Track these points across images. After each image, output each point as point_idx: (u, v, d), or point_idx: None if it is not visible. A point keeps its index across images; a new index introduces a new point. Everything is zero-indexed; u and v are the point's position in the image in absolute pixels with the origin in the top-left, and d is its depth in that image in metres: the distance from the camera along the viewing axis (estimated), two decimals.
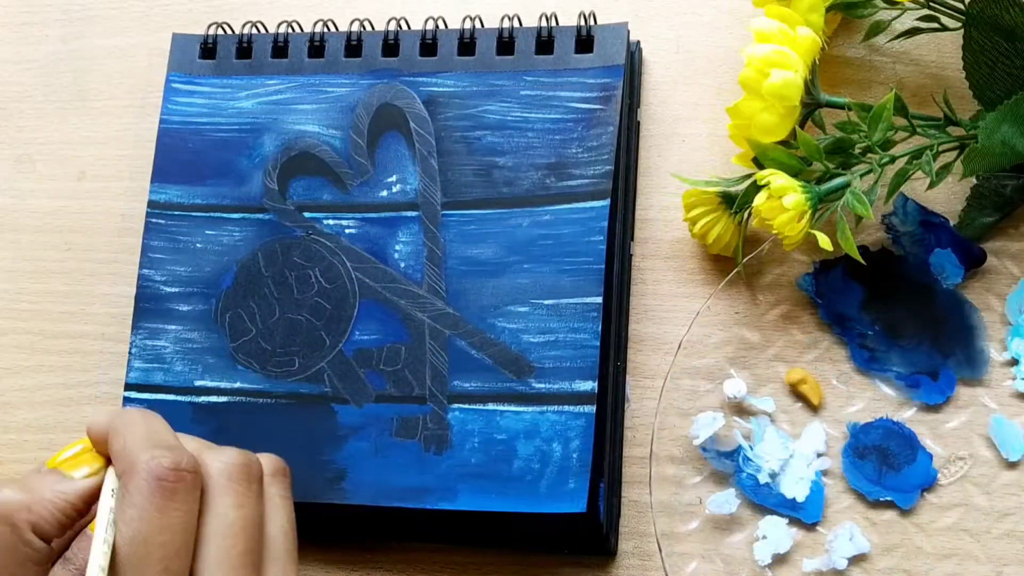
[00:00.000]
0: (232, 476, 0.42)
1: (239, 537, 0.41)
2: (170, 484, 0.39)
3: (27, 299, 0.62)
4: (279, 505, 0.44)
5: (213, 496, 0.41)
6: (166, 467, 0.40)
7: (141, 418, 0.42)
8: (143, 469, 0.40)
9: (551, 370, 0.52)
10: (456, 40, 0.58)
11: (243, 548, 0.41)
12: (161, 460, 0.40)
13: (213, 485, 0.41)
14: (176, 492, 0.40)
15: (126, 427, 0.41)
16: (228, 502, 0.41)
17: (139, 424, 0.42)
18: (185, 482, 0.40)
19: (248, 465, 0.42)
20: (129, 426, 0.42)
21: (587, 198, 0.54)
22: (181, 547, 0.39)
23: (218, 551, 0.40)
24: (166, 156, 0.59)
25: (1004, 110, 0.50)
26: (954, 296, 0.53)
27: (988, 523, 0.51)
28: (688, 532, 0.53)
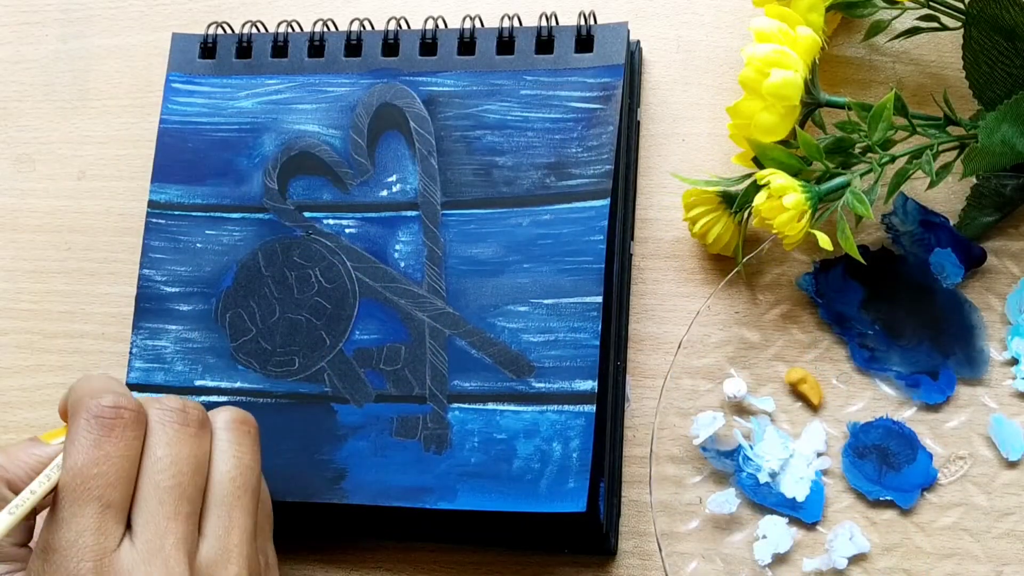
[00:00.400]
0: (164, 420, 0.44)
1: (167, 473, 0.42)
2: (108, 421, 0.42)
3: (27, 299, 0.62)
4: (225, 451, 0.45)
5: (149, 437, 0.43)
6: (105, 405, 0.42)
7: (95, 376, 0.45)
8: (84, 409, 0.42)
9: (551, 369, 0.52)
10: (456, 40, 0.58)
11: (172, 483, 0.42)
12: (101, 400, 0.42)
13: (151, 428, 0.43)
14: (113, 428, 0.42)
15: (79, 384, 0.44)
16: (158, 440, 0.43)
17: (91, 380, 0.44)
18: (122, 419, 0.42)
19: (183, 410, 0.44)
20: (81, 383, 0.44)
21: (587, 197, 0.54)
22: (116, 480, 0.41)
23: (147, 486, 0.42)
24: (166, 156, 0.59)
25: (1004, 110, 0.50)
26: (954, 296, 0.53)
27: (988, 523, 0.51)
28: (688, 532, 0.53)
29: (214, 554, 0.43)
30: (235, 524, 0.44)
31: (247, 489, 0.45)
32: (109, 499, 0.41)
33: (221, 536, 0.43)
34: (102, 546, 0.40)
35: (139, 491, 0.42)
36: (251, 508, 0.45)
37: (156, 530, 0.41)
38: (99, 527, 0.41)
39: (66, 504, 0.41)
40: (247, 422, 0.46)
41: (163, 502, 0.42)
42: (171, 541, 0.41)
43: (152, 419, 0.44)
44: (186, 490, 0.43)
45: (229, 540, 0.43)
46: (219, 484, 0.44)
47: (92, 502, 0.41)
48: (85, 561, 0.40)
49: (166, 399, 0.45)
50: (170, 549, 0.41)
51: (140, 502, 0.42)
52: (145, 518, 0.42)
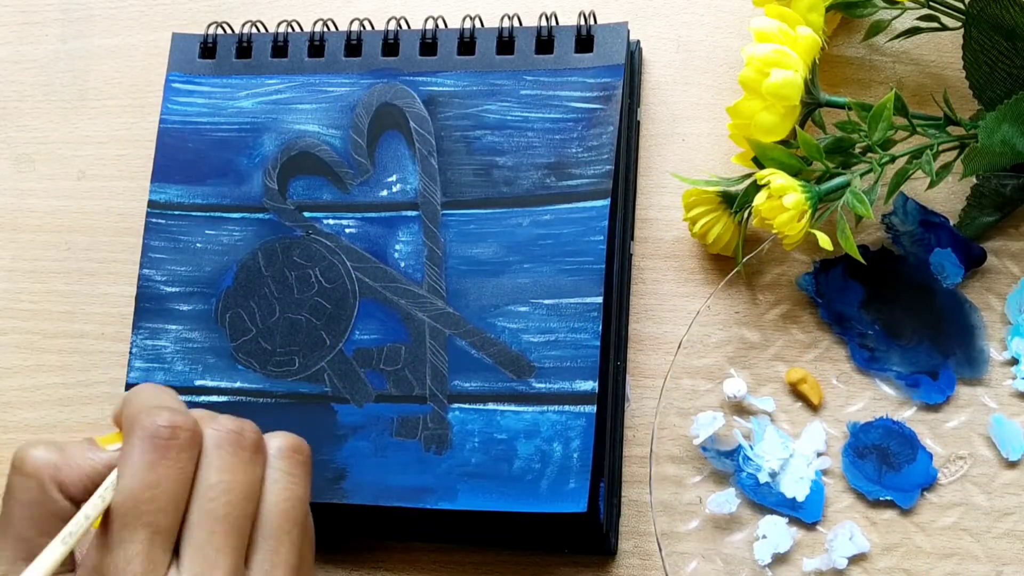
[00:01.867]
0: (220, 442, 0.42)
1: (219, 501, 0.41)
2: (163, 441, 0.40)
3: (27, 299, 0.62)
4: (278, 480, 0.43)
5: (203, 459, 0.42)
6: (160, 425, 0.40)
7: (150, 387, 0.44)
8: (139, 427, 0.41)
9: (551, 370, 0.52)
10: (456, 40, 0.58)
11: (223, 512, 0.41)
12: (157, 419, 0.41)
13: (205, 450, 0.42)
14: (168, 450, 0.40)
15: (135, 395, 0.43)
16: (215, 465, 0.42)
17: (146, 392, 0.43)
18: (178, 440, 0.41)
19: (239, 432, 0.43)
20: (137, 394, 0.43)
21: (587, 198, 0.54)
22: (168, 505, 0.40)
23: (198, 512, 0.41)
24: (166, 156, 0.59)
25: (1004, 109, 0.50)
26: (954, 296, 0.53)
27: (988, 522, 0.51)
28: (688, 531, 0.53)
29: None
30: (281, 560, 0.42)
31: (296, 522, 0.43)
32: (159, 525, 0.40)
33: (268, 572, 0.42)
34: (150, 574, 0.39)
35: (190, 517, 0.41)
36: (298, 542, 0.43)
37: (204, 563, 0.40)
38: (148, 554, 0.39)
39: (116, 528, 0.40)
40: (301, 451, 0.44)
41: (214, 532, 0.40)
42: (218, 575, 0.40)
43: (207, 440, 0.42)
44: (238, 520, 0.41)
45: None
46: (269, 516, 0.42)
47: (143, 528, 0.39)
48: None
49: (222, 419, 0.43)
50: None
51: (190, 529, 0.40)
52: (194, 548, 0.40)
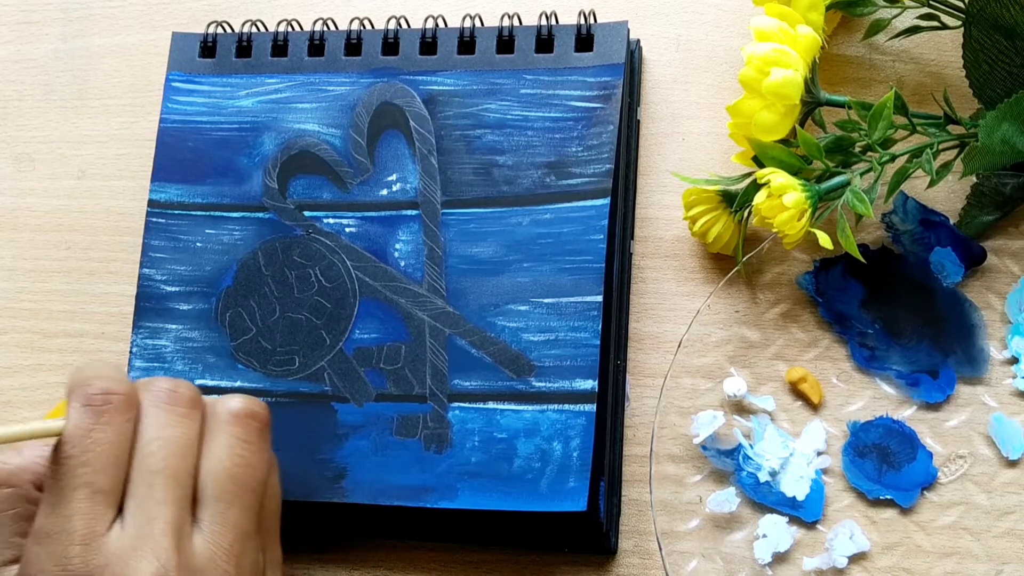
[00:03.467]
0: (155, 401, 0.44)
1: (157, 456, 0.42)
2: (96, 408, 0.42)
3: (26, 298, 0.62)
4: (229, 445, 0.44)
5: (141, 420, 0.43)
6: (92, 392, 0.42)
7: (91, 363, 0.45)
8: (76, 394, 0.42)
9: (551, 369, 0.52)
10: (456, 39, 0.58)
11: (161, 466, 0.42)
12: (90, 387, 0.42)
13: (143, 411, 0.43)
14: (103, 412, 0.42)
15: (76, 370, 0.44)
16: (149, 423, 0.43)
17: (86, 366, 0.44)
18: (111, 404, 0.42)
19: (173, 390, 0.44)
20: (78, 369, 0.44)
21: (587, 197, 0.54)
22: (106, 465, 0.41)
23: (137, 468, 0.42)
24: (166, 155, 0.59)
25: (1004, 108, 0.50)
26: (954, 295, 0.53)
27: (988, 521, 0.51)
28: (688, 531, 0.53)
29: (205, 549, 0.43)
30: (230, 522, 0.43)
31: (248, 487, 0.44)
32: (99, 484, 0.41)
33: (216, 532, 0.43)
34: (92, 530, 0.41)
35: (130, 475, 0.42)
36: (251, 506, 0.44)
37: (146, 514, 0.41)
38: (89, 511, 0.41)
39: (56, 489, 0.41)
40: (254, 416, 0.45)
41: (153, 485, 0.42)
42: (160, 526, 0.41)
43: (144, 402, 0.44)
44: (176, 473, 0.43)
45: (223, 538, 0.43)
46: (217, 479, 0.44)
47: (82, 487, 0.41)
48: (74, 545, 0.40)
49: (157, 380, 0.45)
50: (159, 534, 0.41)
51: (131, 486, 0.42)
52: (136, 502, 0.42)
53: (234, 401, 0.45)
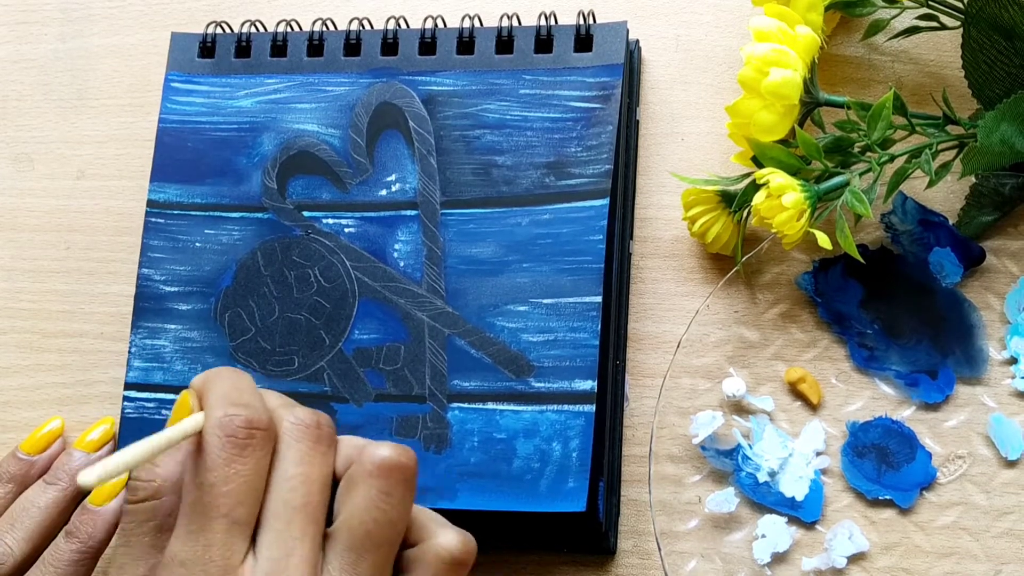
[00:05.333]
0: (298, 436, 0.42)
1: (297, 492, 0.41)
2: (240, 440, 0.41)
3: (26, 298, 0.62)
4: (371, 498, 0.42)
5: (279, 452, 0.42)
6: (237, 425, 0.41)
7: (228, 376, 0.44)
8: (216, 424, 0.41)
9: (551, 369, 0.52)
10: (455, 39, 0.58)
11: (301, 503, 0.41)
12: (234, 418, 0.41)
13: (283, 441, 0.42)
14: (244, 448, 0.41)
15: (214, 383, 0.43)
16: (290, 457, 0.42)
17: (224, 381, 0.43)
18: (254, 439, 0.41)
19: (316, 426, 0.43)
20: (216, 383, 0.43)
21: (586, 197, 0.54)
22: (245, 497, 0.41)
23: (276, 502, 0.41)
24: (165, 155, 0.59)
25: (1003, 109, 0.50)
26: (953, 295, 0.53)
27: (987, 522, 0.51)
28: (687, 531, 0.53)
29: None
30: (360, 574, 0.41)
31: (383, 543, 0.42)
32: (237, 516, 0.40)
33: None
34: (228, 562, 0.40)
35: (267, 508, 0.41)
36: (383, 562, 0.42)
37: (281, 549, 0.40)
38: (226, 542, 0.40)
39: (195, 518, 0.40)
40: (401, 468, 0.42)
41: (291, 522, 0.41)
42: (295, 562, 0.40)
43: (284, 433, 0.42)
44: (315, 511, 0.41)
45: None
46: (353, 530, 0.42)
47: (221, 519, 0.40)
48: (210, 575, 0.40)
49: (300, 412, 0.43)
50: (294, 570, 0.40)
51: (268, 519, 0.41)
52: (271, 536, 0.41)
53: (382, 450, 0.42)
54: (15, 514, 0.54)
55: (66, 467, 0.56)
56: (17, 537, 0.53)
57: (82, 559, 0.53)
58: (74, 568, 0.52)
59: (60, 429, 0.58)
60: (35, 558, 0.53)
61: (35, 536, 0.54)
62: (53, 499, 0.55)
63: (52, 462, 0.57)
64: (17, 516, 0.54)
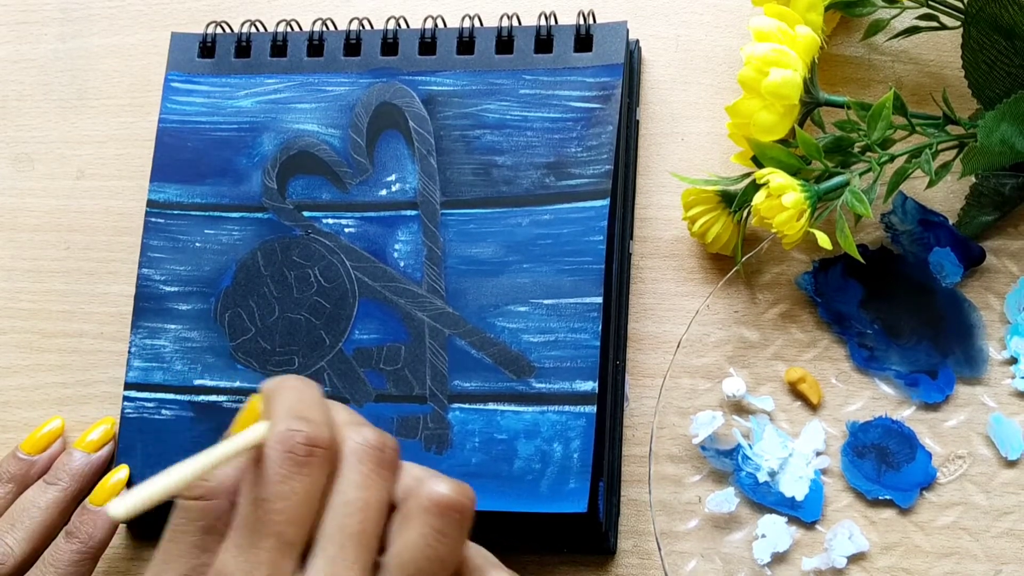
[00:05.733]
0: (362, 457, 0.41)
1: (355, 518, 0.40)
2: (299, 458, 0.40)
3: (25, 298, 0.62)
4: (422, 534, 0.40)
5: (340, 472, 0.41)
6: (298, 441, 0.40)
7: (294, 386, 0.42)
8: (277, 438, 0.40)
9: (551, 370, 0.52)
10: (455, 39, 0.58)
11: (358, 529, 0.40)
12: (295, 434, 0.40)
13: (345, 461, 0.41)
14: (303, 465, 0.40)
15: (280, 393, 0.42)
16: (351, 480, 0.41)
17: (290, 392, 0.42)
18: (314, 457, 0.40)
19: (381, 449, 0.41)
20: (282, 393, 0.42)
21: (587, 197, 0.54)
22: (298, 517, 0.39)
23: (332, 526, 0.40)
24: (165, 155, 0.59)
25: (1003, 109, 0.50)
26: (953, 295, 0.53)
27: (987, 522, 0.51)
28: (687, 531, 0.53)
29: None
30: None
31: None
32: (289, 536, 0.39)
33: None
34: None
35: (322, 530, 0.40)
36: None
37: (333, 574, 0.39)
38: (276, 562, 0.39)
39: (246, 533, 0.39)
40: (458, 508, 0.41)
41: (344, 547, 0.40)
42: None
43: (347, 452, 0.41)
44: (370, 539, 0.40)
45: None
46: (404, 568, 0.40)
47: (271, 537, 0.39)
48: None
49: (366, 431, 0.42)
50: None
51: (322, 541, 0.40)
52: (323, 561, 0.39)
53: (440, 487, 0.41)
54: (15, 514, 0.54)
55: (66, 467, 0.56)
56: (17, 537, 0.53)
57: (82, 559, 0.53)
58: (74, 568, 0.52)
59: (60, 429, 0.58)
60: (35, 558, 0.53)
61: (35, 536, 0.54)
62: (53, 499, 0.55)
63: (52, 462, 0.57)
64: (17, 516, 0.54)
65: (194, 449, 0.55)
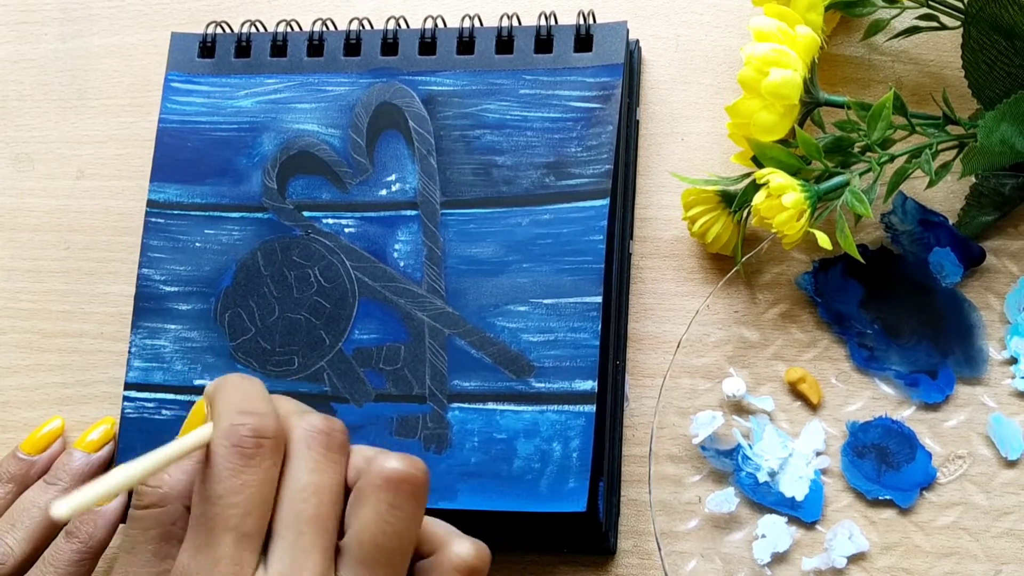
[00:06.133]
0: (311, 443, 0.41)
1: (310, 502, 0.40)
2: (248, 450, 0.40)
3: (25, 298, 0.62)
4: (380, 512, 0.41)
5: (290, 460, 0.41)
6: (244, 434, 0.40)
7: (236, 383, 0.43)
8: (223, 434, 0.40)
9: (551, 369, 0.52)
10: (455, 39, 0.58)
11: (313, 513, 0.40)
12: (240, 428, 0.40)
13: (293, 449, 0.41)
14: (252, 457, 0.40)
15: (221, 391, 0.42)
16: (301, 466, 0.41)
17: (232, 389, 0.42)
18: (263, 448, 0.40)
19: (328, 433, 0.42)
20: (223, 390, 0.42)
21: (587, 197, 0.54)
22: (254, 508, 0.40)
23: (287, 513, 0.40)
24: (165, 155, 0.59)
25: (1003, 109, 0.50)
26: (953, 295, 0.53)
27: (987, 522, 0.51)
28: (687, 531, 0.53)
29: None
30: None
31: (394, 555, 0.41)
32: (246, 528, 0.39)
33: None
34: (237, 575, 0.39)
35: (278, 518, 0.40)
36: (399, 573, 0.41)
37: (292, 563, 0.39)
38: (235, 556, 0.39)
39: (202, 532, 0.39)
40: (409, 479, 0.41)
41: (302, 533, 0.40)
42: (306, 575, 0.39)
43: (295, 439, 0.41)
44: (327, 521, 0.40)
45: None
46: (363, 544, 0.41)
47: (229, 532, 0.39)
48: None
49: (311, 417, 0.42)
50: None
51: (279, 530, 0.40)
52: (282, 549, 0.40)
53: (391, 462, 0.41)
54: (15, 514, 0.54)
55: (66, 467, 0.56)
56: (18, 537, 0.53)
57: (82, 559, 0.53)
58: (74, 568, 0.52)
59: (60, 429, 0.58)
60: (35, 558, 0.53)
61: (35, 536, 0.54)
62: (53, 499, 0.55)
63: (52, 462, 0.57)
64: (17, 516, 0.54)
65: None
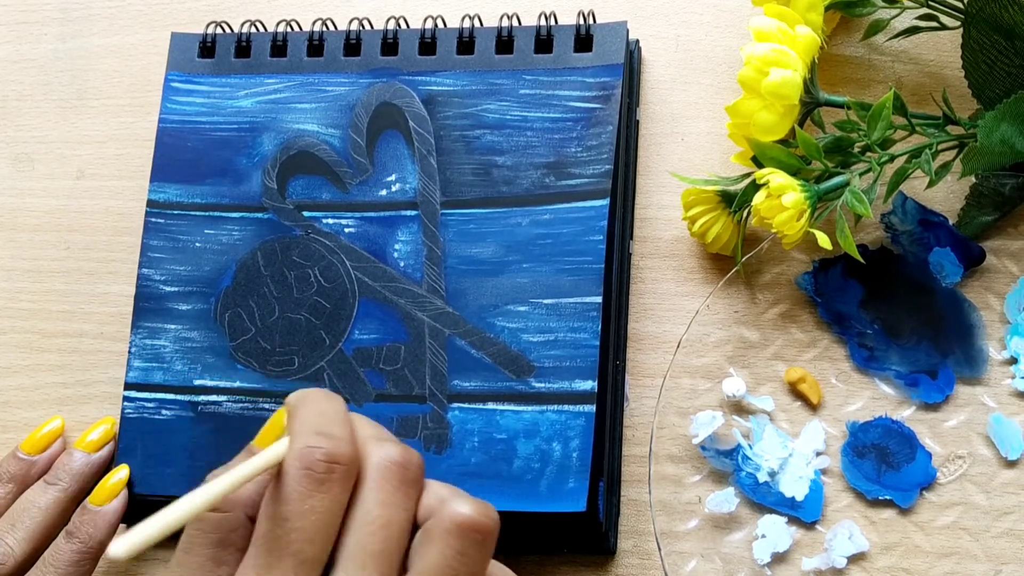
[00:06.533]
0: (385, 474, 0.40)
1: (376, 536, 0.39)
2: (318, 475, 0.39)
3: (25, 298, 0.62)
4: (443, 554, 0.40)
5: (363, 489, 0.40)
6: (317, 458, 0.39)
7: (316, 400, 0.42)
8: (296, 455, 0.39)
9: (551, 369, 0.52)
10: (455, 39, 0.58)
11: (379, 548, 0.39)
12: (314, 451, 0.39)
13: (366, 478, 0.40)
14: (323, 483, 0.39)
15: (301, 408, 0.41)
16: (373, 498, 0.40)
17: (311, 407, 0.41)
18: (334, 474, 0.39)
19: (405, 466, 0.41)
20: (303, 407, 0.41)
21: (586, 197, 0.54)
22: (317, 535, 0.39)
23: (353, 543, 0.39)
24: (165, 155, 0.59)
25: (1003, 109, 0.50)
26: (953, 295, 0.53)
27: (987, 522, 0.51)
28: (687, 531, 0.53)
29: None
30: None
31: None
32: (308, 554, 0.38)
33: None
34: None
35: (343, 548, 0.39)
36: None
37: None
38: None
39: (264, 553, 0.39)
40: (480, 529, 0.40)
41: (366, 567, 0.39)
42: None
43: (370, 467, 0.40)
44: (391, 558, 0.39)
45: None
46: None
47: (290, 557, 0.38)
48: None
49: (390, 447, 0.41)
50: None
51: (342, 561, 0.39)
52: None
53: (462, 507, 0.40)
54: (16, 514, 0.54)
55: (66, 467, 0.56)
56: (18, 537, 0.53)
57: (82, 559, 0.53)
58: (75, 568, 0.52)
59: (60, 429, 0.58)
60: (36, 558, 0.53)
61: (36, 536, 0.54)
62: (54, 499, 0.55)
63: (52, 462, 0.57)
64: (18, 516, 0.54)
65: (193, 449, 0.55)
